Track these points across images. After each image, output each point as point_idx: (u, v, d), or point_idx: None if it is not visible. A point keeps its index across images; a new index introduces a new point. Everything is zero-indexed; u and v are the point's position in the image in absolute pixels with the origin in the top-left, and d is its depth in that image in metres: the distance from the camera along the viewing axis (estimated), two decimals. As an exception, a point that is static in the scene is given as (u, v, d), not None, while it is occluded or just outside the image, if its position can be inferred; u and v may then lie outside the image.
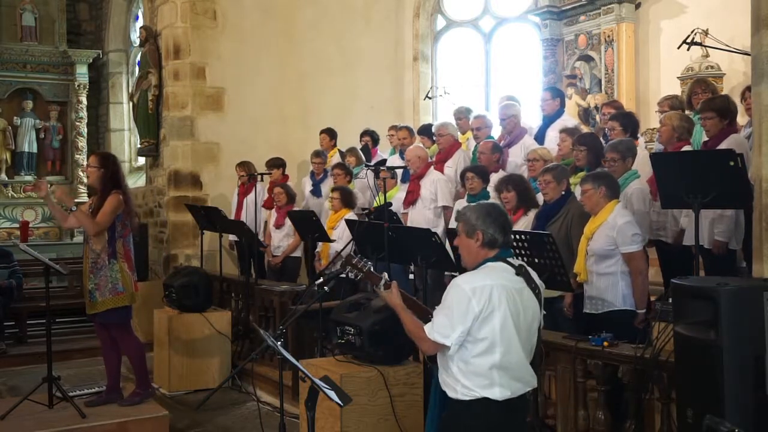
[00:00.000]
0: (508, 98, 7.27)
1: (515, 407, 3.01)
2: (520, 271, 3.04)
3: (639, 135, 6.16)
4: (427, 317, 3.19)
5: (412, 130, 8.09)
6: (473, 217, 3.08)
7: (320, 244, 7.12)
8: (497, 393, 2.93)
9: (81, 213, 5.31)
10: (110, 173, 5.39)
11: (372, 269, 3.38)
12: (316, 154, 8.42)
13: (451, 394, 3.01)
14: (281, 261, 7.89)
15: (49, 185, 5.68)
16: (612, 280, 4.63)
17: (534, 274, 3.13)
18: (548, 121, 6.85)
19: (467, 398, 2.94)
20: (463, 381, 2.96)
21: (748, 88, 5.29)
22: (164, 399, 6.47)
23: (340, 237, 6.85)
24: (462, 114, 7.66)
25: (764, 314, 2.89)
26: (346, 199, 7.19)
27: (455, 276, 5.87)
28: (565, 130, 6.12)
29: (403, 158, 7.57)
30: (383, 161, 8.03)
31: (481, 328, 2.91)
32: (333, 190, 7.40)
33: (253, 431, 5.70)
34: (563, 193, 5.16)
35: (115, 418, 5.29)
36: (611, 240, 4.58)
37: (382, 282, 3.27)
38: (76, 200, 5.35)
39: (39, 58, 12.60)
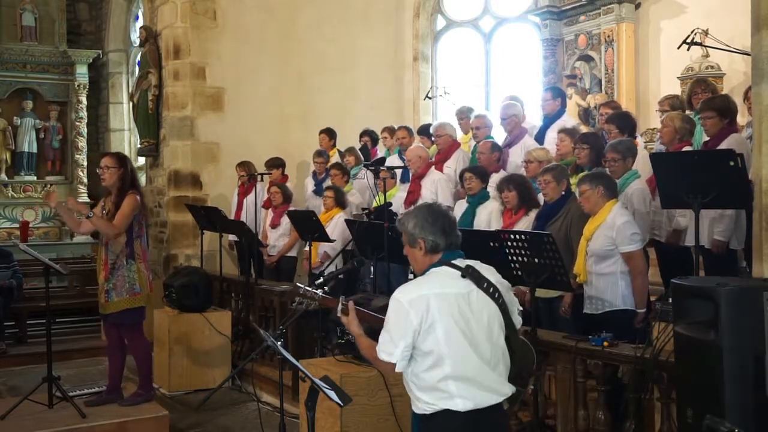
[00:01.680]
0: (511, 98, 7.26)
1: (484, 418, 2.82)
2: (466, 273, 2.87)
3: (637, 135, 6.15)
4: None
5: (411, 130, 8.08)
6: (410, 226, 2.96)
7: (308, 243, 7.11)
8: (459, 404, 2.78)
9: (97, 218, 5.28)
10: (128, 173, 5.40)
11: (323, 296, 3.26)
12: (318, 153, 8.43)
13: (414, 409, 2.91)
14: (276, 260, 7.90)
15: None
16: (611, 280, 4.63)
17: (489, 273, 2.95)
18: (549, 121, 6.85)
19: (429, 412, 2.83)
20: (421, 396, 2.84)
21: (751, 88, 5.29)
22: (164, 399, 6.47)
23: (331, 236, 6.87)
24: (464, 114, 7.66)
25: (764, 314, 2.89)
26: (339, 199, 7.25)
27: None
28: (564, 131, 6.12)
29: (402, 158, 7.59)
30: (382, 160, 8.02)
31: (425, 341, 2.78)
32: (326, 189, 7.42)
33: (253, 431, 5.70)
34: (563, 193, 5.16)
35: (115, 418, 5.28)
36: (610, 240, 4.58)
37: (339, 307, 3.13)
38: (82, 201, 5.35)
39: (39, 58, 12.60)
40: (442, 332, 2.77)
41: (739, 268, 5.08)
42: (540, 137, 6.75)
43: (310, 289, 3.28)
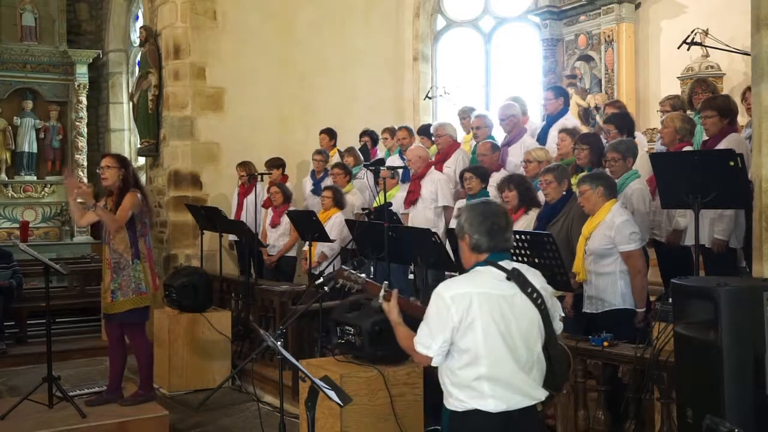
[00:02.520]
0: (514, 98, 7.25)
1: (515, 421, 2.81)
2: (511, 275, 2.84)
3: (637, 134, 6.15)
4: None
5: (411, 130, 8.08)
6: (463, 218, 2.95)
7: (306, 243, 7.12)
8: (491, 405, 2.77)
9: (101, 209, 5.30)
10: (129, 173, 5.43)
11: (367, 279, 3.22)
12: (318, 152, 8.44)
13: (446, 404, 2.90)
14: (276, 260, 7.90)
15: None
16: (611, 279, 4.63)
17: (535, 277, 2.92)
18: (551, 120, 6.84)
19: (460, 410, 2.82)
20: (454, 392, 2.84)
21: (749, 88, 5.29)
22: (164, 399, 6.47)
23: (329, 236, 6.87)
24: (466, 113, 7.67)
25: (764, 314, 2.89)
26: (338, 199, 7.27)
27: (455, 276, 5.92)
28: (564, 130, 6.12)
29: (402, 158, 7.59)
30: (381, 161, 8.03)
31: (463, 338, 2.77)
32: (325, 189, 7.43)
33: (254, 431, 5.70)
34: (564, 193, 5.16)
35: (115, 418, 5.28)
36: (609, 239, 4.59)
37: (381, 293, 3.09)
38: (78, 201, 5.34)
39: (39, 58, 12.61)
40: (481, 332, 2.76)
41: (739, 267, 5.08)
42: (542, 136, 6.74)
43: (354, 271, 3.23)
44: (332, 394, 3.10)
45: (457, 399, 2.83)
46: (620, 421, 4.03)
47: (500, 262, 2.88)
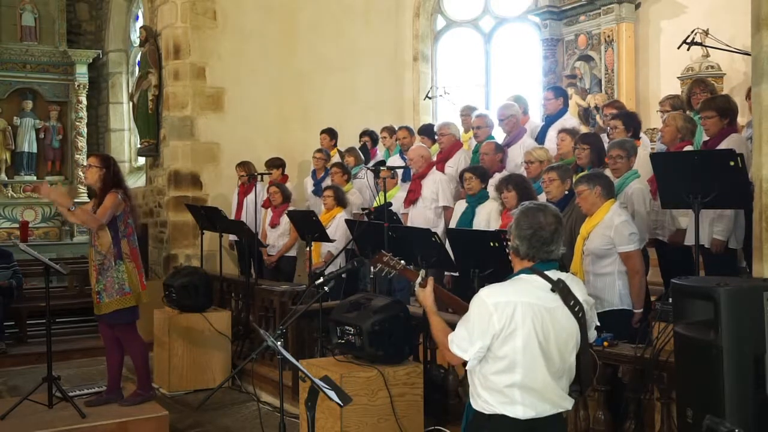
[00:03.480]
0: (515, 98, 7.25)
1: (541, 428, 2.80)
2: (556, 287, 2.79)
3: (641, 135, 6.14)
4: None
5: (412, 130, 8.09)
6: (514, 221, 2.90)
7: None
8: (519, 412, 2.75)
9: (81, 210, 5.36)
10: (111, 173, 5.42)
11: (405, 266, 3.17)
12: (319, 150, 8.45)
13: (473, 404, 2.88)
14: (276, 260, 7.90)
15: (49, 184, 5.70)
16: (609, 280, 4.63)
17: (579, 289, 2.88)
18: (550, 120, 6.85)
19: (487, 412, 2.80)
20: (483, 394, 2.81)
21: (752, 87, 5.28)
22: (164, 399, 6.47)
23: (333, 235, 6.87)
24: (468, 112, 7.67)
25: (764, 314, 2.89)
26: (340, 198, 7.25)
27: (455, 276, 5.91)
28: (564, 130, 6.12)
29: (404, 158, 7.59)
30: (381, 162, 8.02)
31: (502, 347, 2.73)
32: (325, 189, 7.42)
33: (253, 431, 5.70)
34: (566, 192, 5.16)
35: (115, 418, 5.28)
36: (608, 239, 4.58)
37: (419, 279, 3.06)
38: (75, 200, 5.37)
39: (39, 58, 12.60)
40: (521, 342, 2.72)
41: (739, 268, 5.08)
42: (541, 136, 6.75)
43: (394, 258, 3.18)
44: (332, 394, 3.09)
45: (485, 402, 2.80)
46: (620, 421, 4.02)
47: (547, 272, 2.83)
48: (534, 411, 2.77)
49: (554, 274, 2.84)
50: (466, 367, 2.85)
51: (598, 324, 3.08)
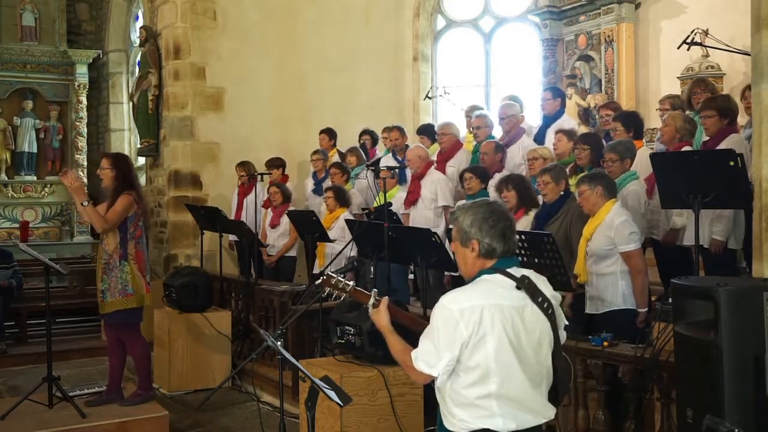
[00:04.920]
0: (510, 98, 7.26)
1: None
2: (522, 284, 2.60)
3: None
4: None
5: (403, 131, 8.06)
6: (467, 223, 2.65)
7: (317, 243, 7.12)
8: (499, 424, 2.54)
9: (91, 208, 5.27)
10: (122, 174, 5.39)
11: (355, 287, 2.99)
12: (316, 152, 8.45)
13: (447, 425, 2.64)
14: (276, 260, 7.90)
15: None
16: (611, 279, 4.63)
17: (544, 285, 2.70)
18: (549, 121, 6.85)
19: (464, 431, 2.58)
20: (457, 413, 2.58)
21: (749, 87, 5.29)
22: (164, 399, 6.46)
23: (339, 237, 6.85)
24: (472, 110, 7.67)
25: (764, 314, 2.89)
26: (341, 198, 7.21)
27: (455, 276, 5.91)
28: (561, 131, 6.13)
29: (396, 159, 7.59)
30: (377, 159, 8.02)
31: (473, 355, 2.53)
32: (326, 189, 7.42)
33: (253, 431, 5.70)
34: (562, 193, 5.16)
35: (115, 418, 5.27)
36: (609, 240, 4.58)
37: (371, 301, 2.89)
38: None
39: (39, 58, 12.60)
40: (493, 347, 2.52)
41: (738, 268, 5.08)
42: (540, 137, 6.76)
43: (342, 279, 3.03)
44: (332, 394, 3.10)
45: (461, 420, 2.58)
46: (620, 421, 4.03)
47: (509, 269, 2.64)
48: (515, 422, 2.57)
49: (517, 271, 2.65)
50: (436, 385, 2.65)
51: (567, 323, 2.93)
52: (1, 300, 8.40)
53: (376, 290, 2.95)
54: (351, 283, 3.03)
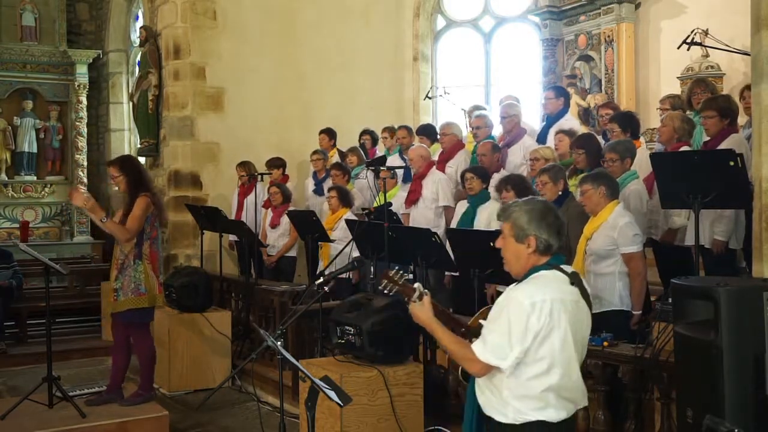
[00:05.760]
0: (509, 98, 7.26)
1: (569, 428, 2.73)
2: (574, 280, 2.71)
3: (640, 136, 6.14)
4: (460, 330, 2.93)
5: (411, 129, 8.08)
6: (524, 220, 2.72)
7: (320, 244, 7.12)
8: (553, 415, 2.64)
9: (111, 223, 5.30)
10: (133, 177, 5.40)
11: (407, 281, 3.03)
12: (315, 152, 8.45)
13: (499, 418, 2.69)
14: (276, 260, 7.90)
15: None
16: (610, 280, 4.63)
17: (585, 281, 2.83)
18: (551, 120, 6.84)
19: (518, 422, 2.65)
20: (515, 404, 2.65)
21: (747, 87, 5.29)
22: (164, 399, 6.47)
23: (342, 237, 6.84)
24: (473, 110, 7.67)
25: (764, 314, 2.89)
26: (344, 198, 7.21)
27: (455, 276, 5.91)
28: (561, 131, 6.12)
29: (403, 158, 7.58)
30: (383, 159, 8.02)
31: (540, 348, 2.61)
32: (329, 189, 7.42)
33: (253, 431, 5.70)
34: (560, 193, 5.16)
35: (115, 418, 5.28)
36: (611, 240, 4.58)
37: (416, 294, 2.91)
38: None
39: (39, 58, 12.58)
40: (559, 340, 2.63)
41: (738, 268, 5.08)
42: (542, 137, 6.74)
43: (401, 272, 3.04)
44: (332, 394, 3.10)
45: (517, 411, 2.65)
46: (620, 421, 4.03)
47: (561, 266, 2.75)
48: (565, 411, 2.69)
49: (567, 268, 2.77)
50: (483, 380, 2.71)
51: None
52: (1, 300, 8.39)
53: (419, 284, 2.99)
54: (405, 276, 3.06)
